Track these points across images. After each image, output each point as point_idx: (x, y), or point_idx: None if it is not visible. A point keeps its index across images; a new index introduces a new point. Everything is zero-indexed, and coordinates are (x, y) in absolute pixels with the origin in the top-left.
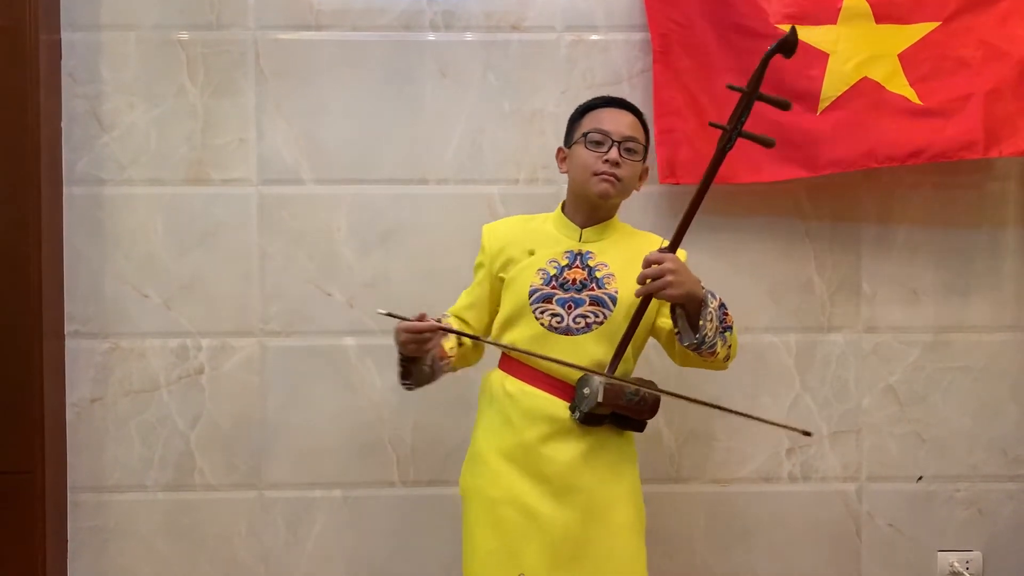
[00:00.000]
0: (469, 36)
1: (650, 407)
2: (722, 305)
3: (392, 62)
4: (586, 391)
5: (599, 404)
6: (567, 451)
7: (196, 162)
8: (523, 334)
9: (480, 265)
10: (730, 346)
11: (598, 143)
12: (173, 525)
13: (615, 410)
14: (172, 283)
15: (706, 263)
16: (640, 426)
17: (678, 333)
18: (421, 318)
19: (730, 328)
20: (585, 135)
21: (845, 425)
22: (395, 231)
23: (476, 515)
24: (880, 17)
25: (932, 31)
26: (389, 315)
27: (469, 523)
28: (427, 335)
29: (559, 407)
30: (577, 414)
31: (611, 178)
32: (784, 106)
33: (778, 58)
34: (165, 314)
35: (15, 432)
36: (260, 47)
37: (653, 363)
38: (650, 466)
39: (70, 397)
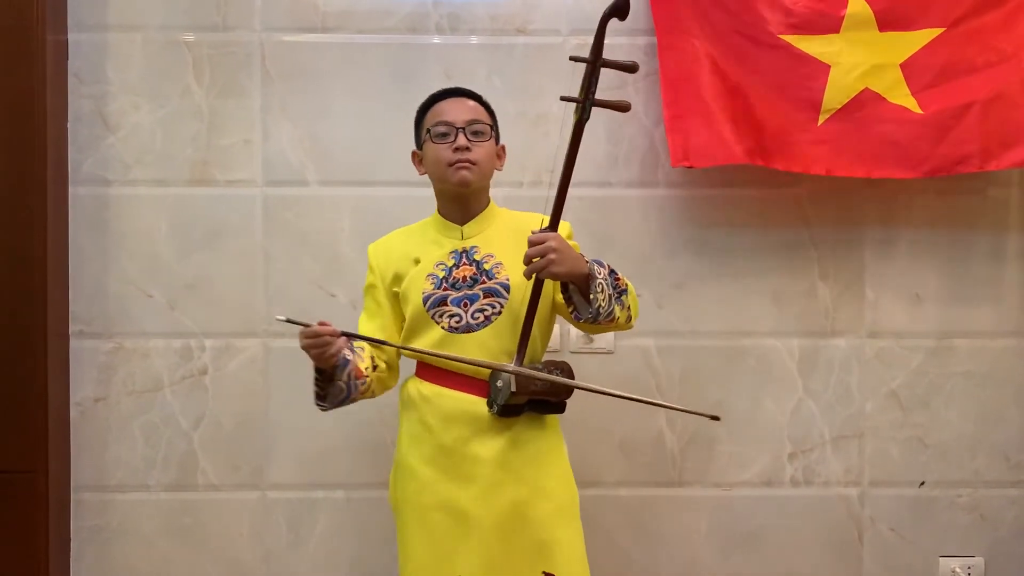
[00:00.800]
0: (474, 39)
1: (566, 387)
2: (612, 272)
3: (397, 64)
4: (499, 384)
5: (513, 394)
6: (490, 448)
7: (201, 163)
8: (427, 341)
9: (372, 286)
10: (629, 307)
11: (444, 135)
12: (175, 525)
13: (531, 396)
14: (176, 283)
15: (710, 268)
16: (560, 408)
17: (574, 310)
18: (323, 324)
19: (625, 291)
20: (429, 131)
21: (848, 430)
22: None
23: (408, 525)
24: (884, 24)
25: (937, 37)
26: (289, 321)
27: (402, 534)
28: (326, 339)
29: (477, 405)
30: (495, 408)
31: (465, 163)
32: (631, 69)
33: (782, 67)
34: (169, 314)
35: (19, 431)
36: (266, 49)
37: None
38: (652, 470)
39: (74, 396)
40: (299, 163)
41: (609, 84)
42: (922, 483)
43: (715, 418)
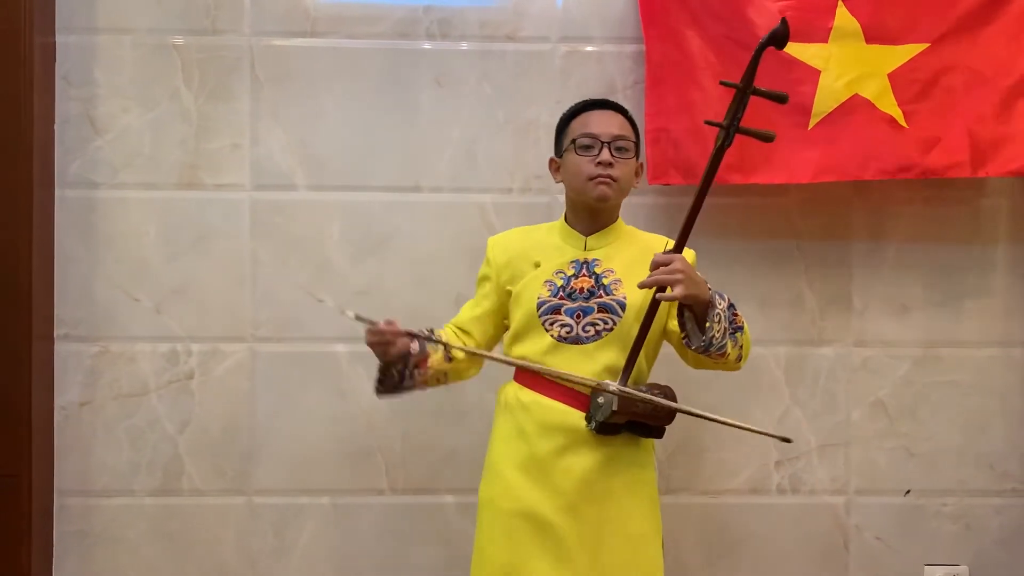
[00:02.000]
0: (465, 45)
1: (667, 413)
2: (731, 306)
3: (387, 70)
4: (600, 400)
5: (614, 413)
6: (582, 463)
7: (189, 167)
8: (534, 347)
9: (485, 278)
10: (741, 347)
11: (588, 147)
12: (160, 530)
13: (631, 418)
14: (163, 287)
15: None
16: (659, 432)
17: (686, 336)
18: (389, 323)
19: (740, 328)
20: (574, 141)
21: (834, 438)
22: (388, 238)
23: (489, 527)
24: (870, 37)
25: (920, 53)
26: (358, 318)
27: (481, 534)
28: (388, 338)
29: (575, 418)
30: (592, 424)
31: (607, 179)
32: (781, 99)
33: (771, 73)
34: (156, 318)
35: (2, 435)
36: (255, 53)
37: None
38: None
39: (58, 400)
40: (288, 168)
41: (599, 90)
42: (908, 492)
43: (787, 440)
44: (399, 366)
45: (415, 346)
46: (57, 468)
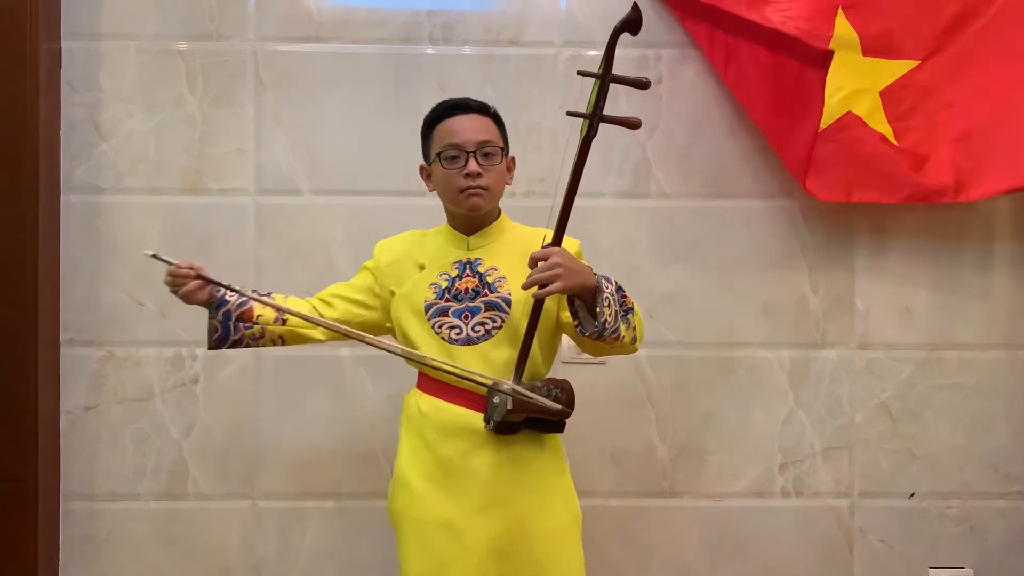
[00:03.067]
0: (468, 50)
1: (565, 406)
2: (619, 288)
3: (391, 75)
4: (495, 400)
5: (509, 412)
6: (487, 464)
7: (194, 171)
8: (427, 351)
9: (366, 269)
10: (635, 328)
11: (454, 158)
12: (165, 534)
13: (529, 415)
14: (168, 292)
15: (701, 279)
16: (559, 427)
17: (578, 324)
18: (190, 266)
19: (631, 310)
20: (439, 154)
21: (838, 441)
22: None
23: (405, 539)
24: (867, 50)
25: (912, 70)
26: (155, 257)
27: (402, 548)
28: (181, 280)
29: (475, 420)
30: (491, 424)
31: (477, 191)
32: (643, 85)
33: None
34: (160, 323)
35: (8, 439)
36: (259, 58)
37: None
38: (643, 480)
39: (64, 405)
40: (292, 172)
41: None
42: (912, 494)
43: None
44: (218, 316)
45: (231, 296)
46: (63, 472)
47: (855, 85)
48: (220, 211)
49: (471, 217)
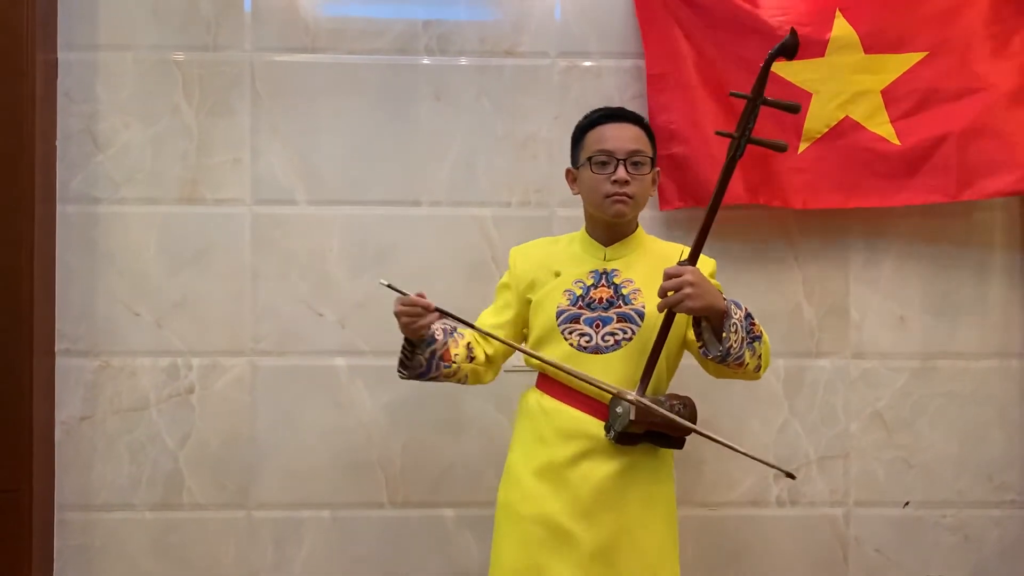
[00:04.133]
0: (463, 60)
1: (687, 422)
2: (748, 315)
3: (387, 85)
4: (619, 410)
5: (631, 423)
6: (600, 470)
7: (190, 182)
8: (553, 356)
9: (505, 286)
10: (760, 356)
11: (604, 163)
12: (160, 544)
13: (649, 428)
14: (164, 302)
15: None
16: (679, 443)
17: (703, 346)
18: (420, 295)
19: (759, 338)
20: (590, 159)
21: (833, 450)
22: (387, 252)
23: (506, 531)
24: (869, 47)
25: (920, 61)
26: (389, 286)
27: (498, 538)
28: (419, 310)
29: (594, 426)
30: (611, 434)
31: (623, 198)
32: (793, 109)
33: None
34: (156, 333)
35: (3, 449)
36: (256, 68)
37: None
38: None
39: (59, 415)
40: (288, 182)
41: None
42: (907, 503)
43: (791, 476)
44: (426, 354)
45: (440, 334)
46: (58, 482)
47: (855, 88)
48: (216, 221)
49: (612, 225)
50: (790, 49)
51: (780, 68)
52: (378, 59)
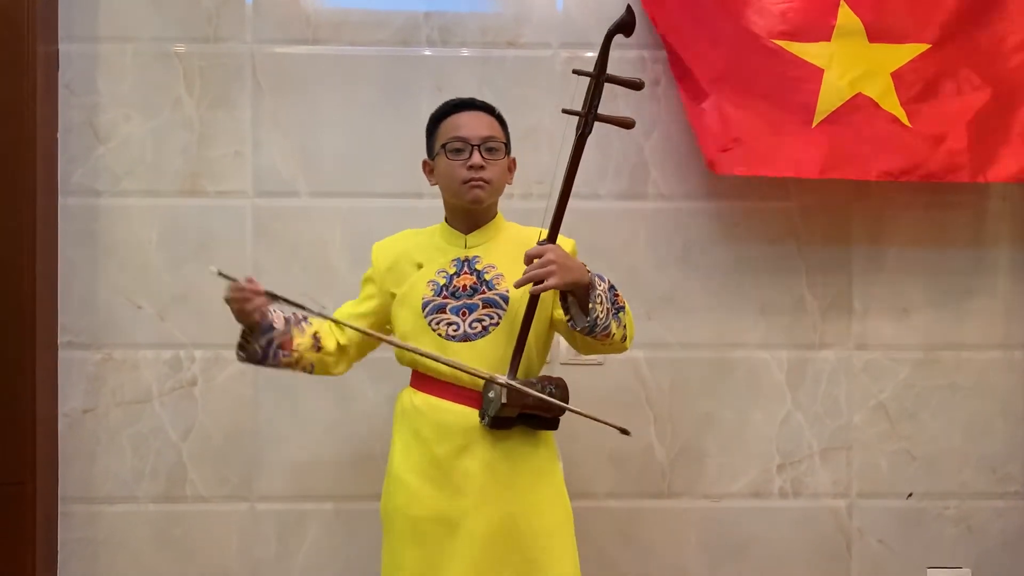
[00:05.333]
0: (465, 52)
1: (560, 402)
2: (612, 287)
3: (389, 77)
4: (491, 395)
5: (504, 406)
6: (481, 461)
7: (192, 174)
8: (424, 348)
9: (369, 279)
10: (625, 326)
11: (458, 151)
12: (164, 537)
13: (522, 411)
14: (166, 294)
15: (698, 280)
16: (553, 424)
17: (570, 320)
18: (250, 281)
19: (622, 308)
20: (444, 145)
21: (836, 442)
22: None
23: (398, 536)
24: (873, 36)
25: (923, 53)
26: (220, 274)
27: (392, 545)
28: (247, 294)
29: (470, 416)
30: (486, 419)
31: (479, 183)
32: (636, 86)
33: (776, 72)
34: (159, 325)
35: (6, 442)
36: (257, 60)
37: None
38: (642, 481)
39: (62, 408)
40: (290, 174)
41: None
42: (910, 495)
43: (624, 432)
44: (262, 341)
45: (279, 323)
46: (61, 475)
47: (864, 68)
48: (218, 214)
49: (470, 212)
50: (627, 26)
51: (789, 46)
52: (380, 51)
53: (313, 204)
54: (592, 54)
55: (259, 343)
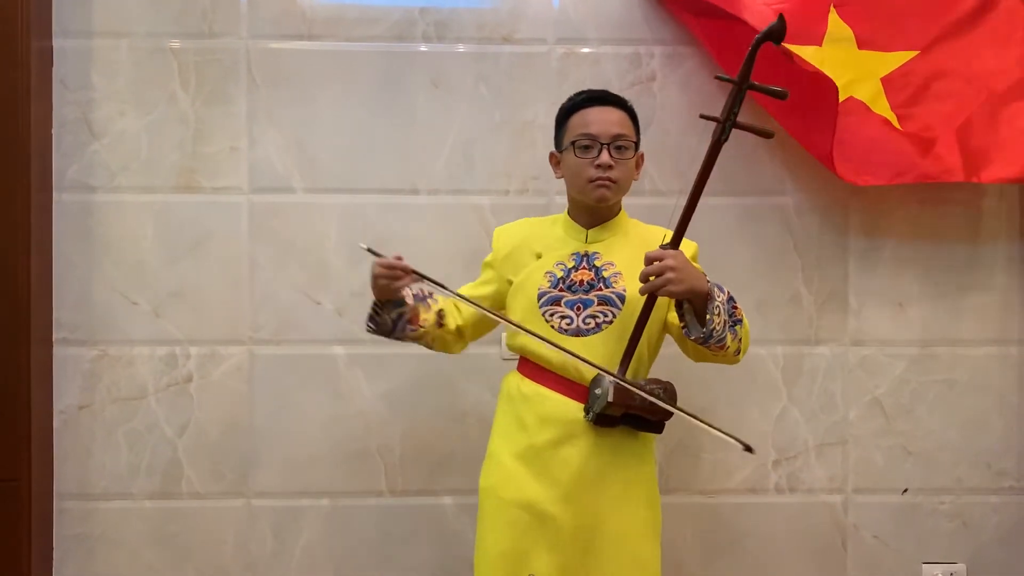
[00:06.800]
0: (461, 47)
1: (664, 408)
2: (731, 299)
3: (384, 72)
4: (597, 391)
5: (610, 404)
6: (579, 454)
7: (187, 170)
8: (535, 340)
9: (488, 265)
10: (740, 339)
11: (587, 147)
12: (160, 533)
13: (627, 411)
14: (161, 291)
15: None
16: (658, 427)
17: (685, 328)
18: (398, 258)
19: (740, 322)
20: (574, 142)
21: (831, 437)
22: (386, 241)
23: (489, 515)
24: (862, 43)
25: (910, 60)
26: (369, 251)
27: (482, 523)
28: (398, 272)
29: (573, 409)
30: (590, 415)
31: (606, 182)
32: (780, 95)
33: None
34: (154, 322)
35: (1, 439)
36: (252, 56)
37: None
38: None
39: (57, 404)
40: (285, 170)
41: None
42: (905, 490)
43: (749, 450)
44: (394, 314)
45: (410, 299)
46: (56, 472)
47: (855, 73)
48: (213, 210)
49: (594, 209)
50: (776, 34)
51: (779, 51)
52: (375, 46)
53: (309, 200)
54: (588, 50)
55: (391, 316)
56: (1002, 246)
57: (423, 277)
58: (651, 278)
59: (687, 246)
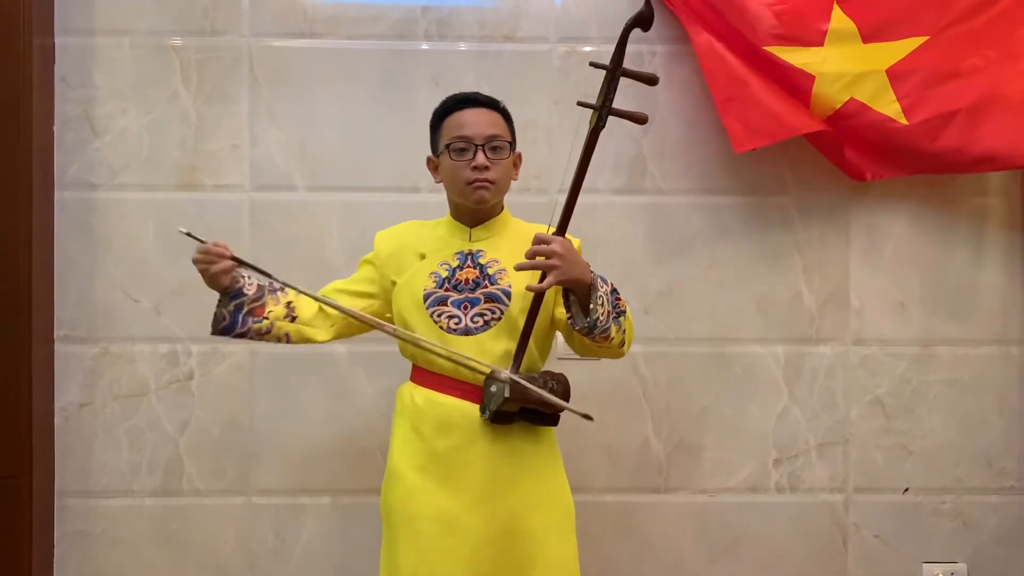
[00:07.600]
0: (463, 46)
1: (561, 398)
2: (614, 290)
3: (386, 70)
4: (493, 389)
5: (506, 400)
6: (482, 457)
7: (188, 168)
8: (423, 339)
9: (368, 262)
10: (625, 331)
11: (463, 150)
12: (160, 531)
13: (524, 405)
14: (163, 288)
15: (696, 275)
16: (553, 420)
17: (570, 318)
18: (218, 245)
19: (623, 313)
20: (448, 145)
21: (832, 437)
22: None
23: (396, 532)
24: (868, 37)
25: (920, 45)
26: (188, 235)
27: (389, 542)
28: (212, 257)
29: (471, 412)
30: (486, 414)
31: (484, 183)
32: (651, 81)
33: (769, 78)
34: (155, 319)
35: (3, 436)
36: (254, 54)
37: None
38: (638, 476)
39: (59, 402)
40: (287, 168)
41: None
42: (906, 490)
43: (588, 417)
44: (230, 306)
45: (250, 289)
46: (58, 469)
47: (858, 70)
48: (215, 207)
49: (476, 210)
50: (645, 20)
51: (780, 52)
52: (377, 44)
53: (310, 198)
54: (591, 48)
55: (227, 308)
56: (1003, 245)
57: (244, 263)
58: (538, 258)
59: (571, 241)
